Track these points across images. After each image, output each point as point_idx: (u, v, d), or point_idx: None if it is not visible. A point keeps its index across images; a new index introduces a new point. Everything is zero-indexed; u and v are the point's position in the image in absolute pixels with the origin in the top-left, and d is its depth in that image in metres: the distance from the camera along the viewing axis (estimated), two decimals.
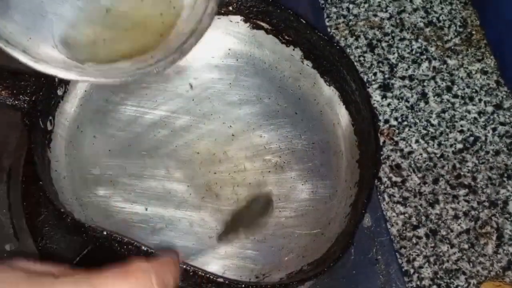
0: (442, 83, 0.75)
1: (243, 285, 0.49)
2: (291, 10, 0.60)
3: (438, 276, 0.64)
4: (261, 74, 0.64)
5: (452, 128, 0.72)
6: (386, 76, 0.75)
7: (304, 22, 0.60)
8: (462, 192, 0.69)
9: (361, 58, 0.76)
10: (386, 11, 0.79)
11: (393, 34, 0.78)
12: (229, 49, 0.64)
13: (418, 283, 0.64)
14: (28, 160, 0.58)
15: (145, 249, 0.46)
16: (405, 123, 0.72)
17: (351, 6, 0.79)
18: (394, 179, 0.69)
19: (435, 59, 0.77)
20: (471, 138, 0.72)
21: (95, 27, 0.44)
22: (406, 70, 0.76)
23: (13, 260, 0.36)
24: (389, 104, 0.73)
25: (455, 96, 0.75)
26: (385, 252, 0.63)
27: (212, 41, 0.64)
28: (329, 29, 0.77)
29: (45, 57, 0.42)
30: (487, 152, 0.71)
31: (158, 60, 0.46)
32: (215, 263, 0.55)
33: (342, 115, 0.62)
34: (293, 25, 0.61)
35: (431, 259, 0.65)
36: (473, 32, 0.79)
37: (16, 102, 0.51)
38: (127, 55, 0.45)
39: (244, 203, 0.58)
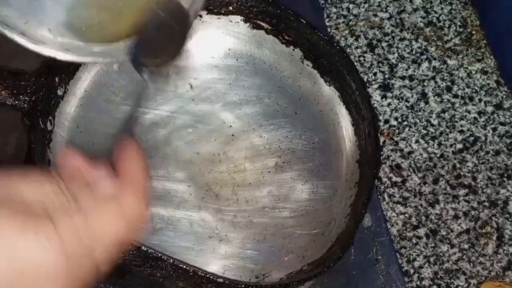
0: (442, 83, 0.75)
1: (243, 285, 0.49)
2: (291, 10, 0.60)
3: (438, 276, 0.64)
4: (261, 74, 0.64)
5: (452, 128, 0.72)
6: (386, 76, 0.75)
7: (304, 22, 0.60)
8: (462, 192, 0.69)
9: (361, 58, 0.76)
10: (386, 11, 0.79)
11: (393, 34, 0.78)
12: (229, 49, 0.64)
13: (418, 283, 0.64)
14: (28, 160, 0.58)
15: (145, 249, 0.46)
16: (405, 123, 0.72)
17: (351, 6, 0.79)
18: (394, 179, 0.69)
19: (435, 59, 0.77)
20: (471, 138, 0.72)
21: (91, 9, 0.44)
22: (406, 70, 0.76)
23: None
24: (389, 104, 0.73)
25: (455, 96, 0.75)
26: (385, 252, 0.63)
27: (212, 41, 0.64)
28: (329, 29, 0.77)
29: (43, 40, 0.42)
30: (487, 152, 0.71)
31: None
32: (215, 263, 0.55)
33: (342, 115, 0.62)
34: (293, 25, 0.61)
35: (431, 259, 0.65)
36: (473, 32, 0.79)
37: (16, 102, 0.51)
38: (123, 36, 0.45)
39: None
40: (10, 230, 0.31)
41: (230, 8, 0.63)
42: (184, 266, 0.47)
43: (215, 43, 0.64)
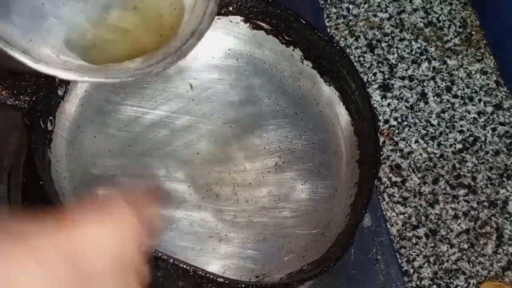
0: (442, 83, 0.75)
1: (243, 285, 0.49)
2: (291, 10, 0.61)
3: (438, 276, 0.64)
4: (261, 74, 0.64)
5: (452, 128, 0.73)
6: (386, 76, 0.75)
7: (304, 22, 0.60)
8: (462, 192, 0.69)
9: (361, 58, 0.76)
10: (386, 11, 0.79)
11: (393, 35, 0.78)
12: (229, 49, 0.64)
13: (418, 283, 0.64)
14: (28, 160, 0.58)
15: None
16: (405, 123, 0.72)
17: (351, 6, 0.79)
18: (394, 179, 0.69)
19: (435, 59, 0.77)
20: (471, 138, 0.72)
21: (96, 28, 0.45)
22: (406, 70, 0.76)
23: None
24: (389, 104, 0.73)
25: (455, 96, 0.75)
26: (385, 252, 0.63)
27: (212, 41, 0.64)
28: (329, 30, 0.77)
29: (46, 58, 0.42)
30: (487, 152, 0.71)
31: (158, 60, 0.46)
32: (215, 263, 0.55)
33: (342, 115, 0.62)
34: (293, 25, 0.61)
35: (431, 259, 0.65)
36: (473, 32, 0.79)
37: (17, 102, 0.51)
38: (127, 56, 0.45)
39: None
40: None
41: (230, 8, 0.63)
42: (184, 266, 0.47)
43: (215, 43, 0.64)
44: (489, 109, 0.74)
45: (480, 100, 0.75)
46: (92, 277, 0.33)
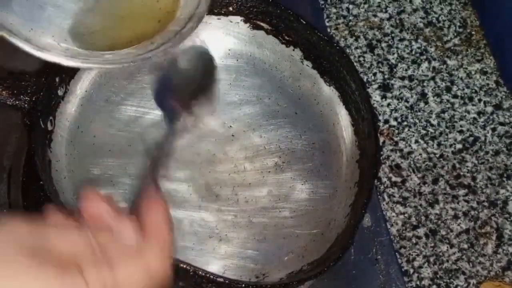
0: (442, 84, 0.75)
1: (243, 285, 0.49)
2: (291, 10, 0.61)
3: (438, 276, 0.64)
4: (261, 74, 0.64)
5: (452, 128, 0.73)
6: (386, 76, 0.75)
7: (304, 22, 0.60)
8: (461, 192, 0.69)
9: (361, 59, 0.76)
10: (386, 12, 0.79)
11: (392, 35, 0.78)
12: (229, 49, 0.64)
13: (418, 283, 0.64)
14: (29, 160, 0.58)
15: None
16: (405, 123, 0.72)
17: (351, 6, 0.79)
18: (394, 179, 0.69)
19: (434, 59, 0.77)
20: (471, 138, 0.72)
21: (94, 16, 0.45)
22: (406, 70, 0.76)
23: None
24: (389, 104, 0.73)
25: (455, 96, 0.75)
26: (385, 252, 0.63)
27: (212, 41, 0.64)
28: (329, 30, 0.77)
29: (48, 47, 0.42)
30: (487, 152, 0.72)
31: (157, 45, 0.46)
32: (215, 263, 0.55)
33: (342, 115, 0.62)
34: (293, 25, 0.61)
35: (431, 259, 0.65)
36: (473, 33, 0.79)
37: (17, 102, 0.51)
38: (126, 42, 0.45)
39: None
40: (41, 281, 0.30)
41: (230, 8, 0.63)
42: (184, 266, 0.47)
43: (215, 43, 0.64)
44: (489, 109, 0.74)
45: (480, 100, 0.75)
46: None
